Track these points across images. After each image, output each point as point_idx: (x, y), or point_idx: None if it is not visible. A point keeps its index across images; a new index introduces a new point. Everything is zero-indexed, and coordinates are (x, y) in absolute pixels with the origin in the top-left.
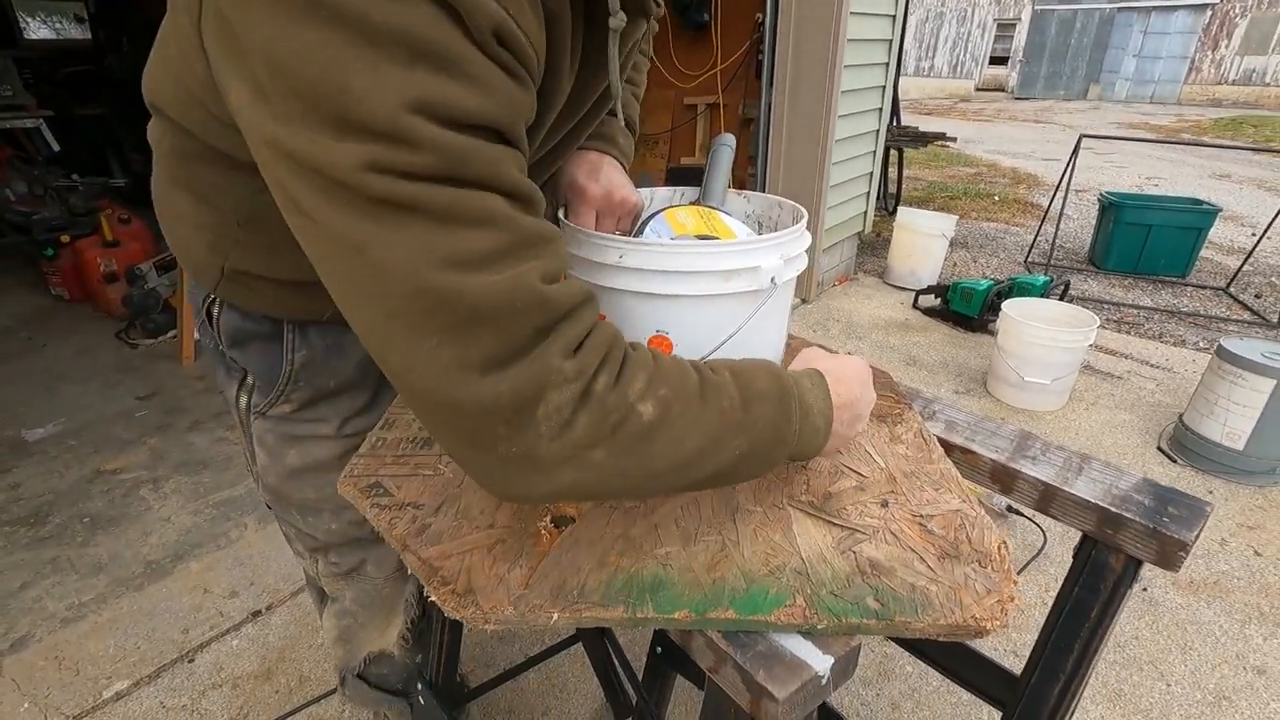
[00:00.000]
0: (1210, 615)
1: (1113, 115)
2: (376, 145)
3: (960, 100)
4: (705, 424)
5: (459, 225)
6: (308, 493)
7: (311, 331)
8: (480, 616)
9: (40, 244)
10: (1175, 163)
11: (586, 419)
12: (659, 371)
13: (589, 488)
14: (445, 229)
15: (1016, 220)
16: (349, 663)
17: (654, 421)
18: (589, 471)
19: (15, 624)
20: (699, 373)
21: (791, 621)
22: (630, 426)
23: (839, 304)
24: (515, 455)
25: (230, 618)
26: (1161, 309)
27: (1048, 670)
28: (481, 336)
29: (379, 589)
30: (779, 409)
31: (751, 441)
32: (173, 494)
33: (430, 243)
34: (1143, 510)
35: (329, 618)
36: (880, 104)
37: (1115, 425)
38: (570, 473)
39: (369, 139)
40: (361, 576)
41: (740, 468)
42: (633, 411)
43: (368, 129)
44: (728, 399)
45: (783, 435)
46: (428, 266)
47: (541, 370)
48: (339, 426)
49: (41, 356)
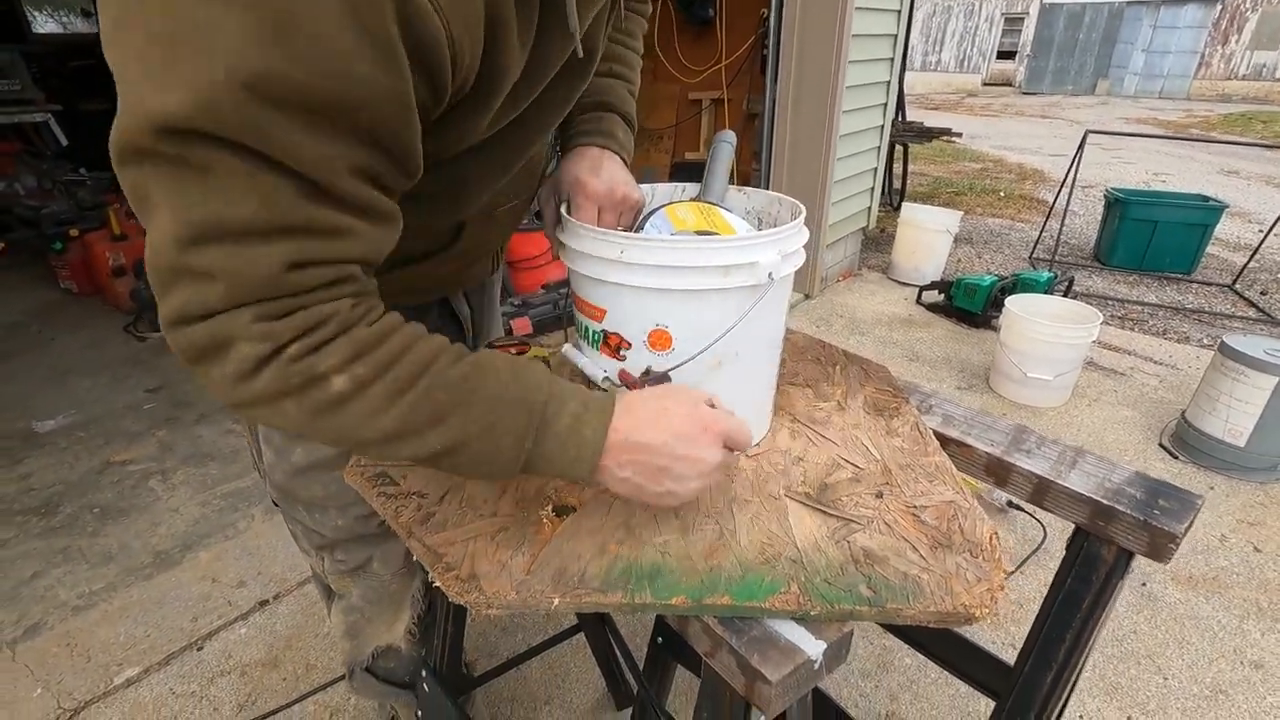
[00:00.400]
0: (1209, 610)
1: (1120, 110)
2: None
3: (967, 95)
4: (401, 410)
5: (222, 193)
6: (315, 489)
7: None
8: (483, 601)
9: (49, 238)
10: (1183, 159)
11: (269, 375)
12: (371, 355)
13: (294, 428)
14: (208, 191)
15: (1022, 216)
16: (357, 657)
17: (344, 394)
18: (284, 417)
19: (28, 611)
20: (427, 365)
21: (786, 608)
22: (318, 393)
23: (843, 299)
24: (216, 384)
25: (238, 607)
26: (1166, 305)
27: (1041, 660)
28: (197, 286)
29: (386, 585)
30: (510, 421)
31: (459, 440)
32: (181, 485)
33: (189, 200)
34: (1134, 503)
35: (336, 613)
36: (885, 99)
37: (1117, 421)
38: (266, 410)
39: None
40: (368, 574)
41: (457, 460)
42: (321, 380)
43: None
44: (444, 393)
45: (507, 448)
46: (192, 223)
47: (230, 330)
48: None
49: (51, 349)
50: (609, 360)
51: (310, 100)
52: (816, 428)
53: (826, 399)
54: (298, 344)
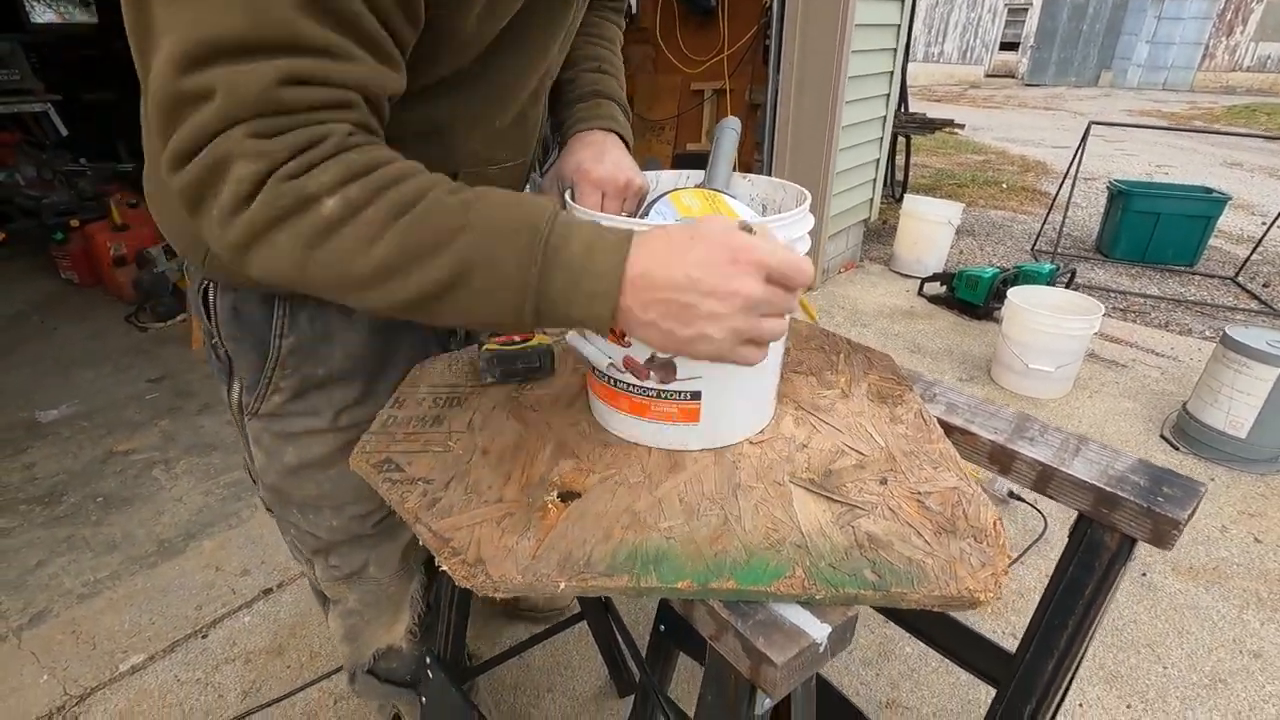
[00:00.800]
0: (1209, 600)
1: (1124, 102)
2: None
3: (970, 87)
4: (396, 237)
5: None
6: (308, 489)
7: (301, 316)
8: (490, 585)
9: (50, 228)
10: (1186, 150)
11: (261, 199)
12: (365, 178)
13: (286, 273)
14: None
15: (1024, 208)
16: (357, 660)
17: (336, 218)
18: (278, 254)
19: (33, 599)
20: (424, 191)
21: (791, 592)
22: (310, 217)
23: (844, 291)
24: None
25: (242, 595)
26: (1168, 298)
27: (1042, 646)
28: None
29: (384, 588)
30: (511, 245)
31: (459, 271)
32: (184, 474)
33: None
34: (1138, 490)
35: (334, 618)
36: (888, 90)
37: (1119, 413)
38: (264, 249)
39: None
40: (364, 579)
41: (458, 298)
42: (312, 202)
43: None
44: (442, 218)
45: (511, 277)
46: (175, 23)
47: (226, 150)
48: (333, 419)
49: (53, 340)
50: (614, 347)
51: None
52: (820, 415)
53: (830, 387)
54: (291, 163)
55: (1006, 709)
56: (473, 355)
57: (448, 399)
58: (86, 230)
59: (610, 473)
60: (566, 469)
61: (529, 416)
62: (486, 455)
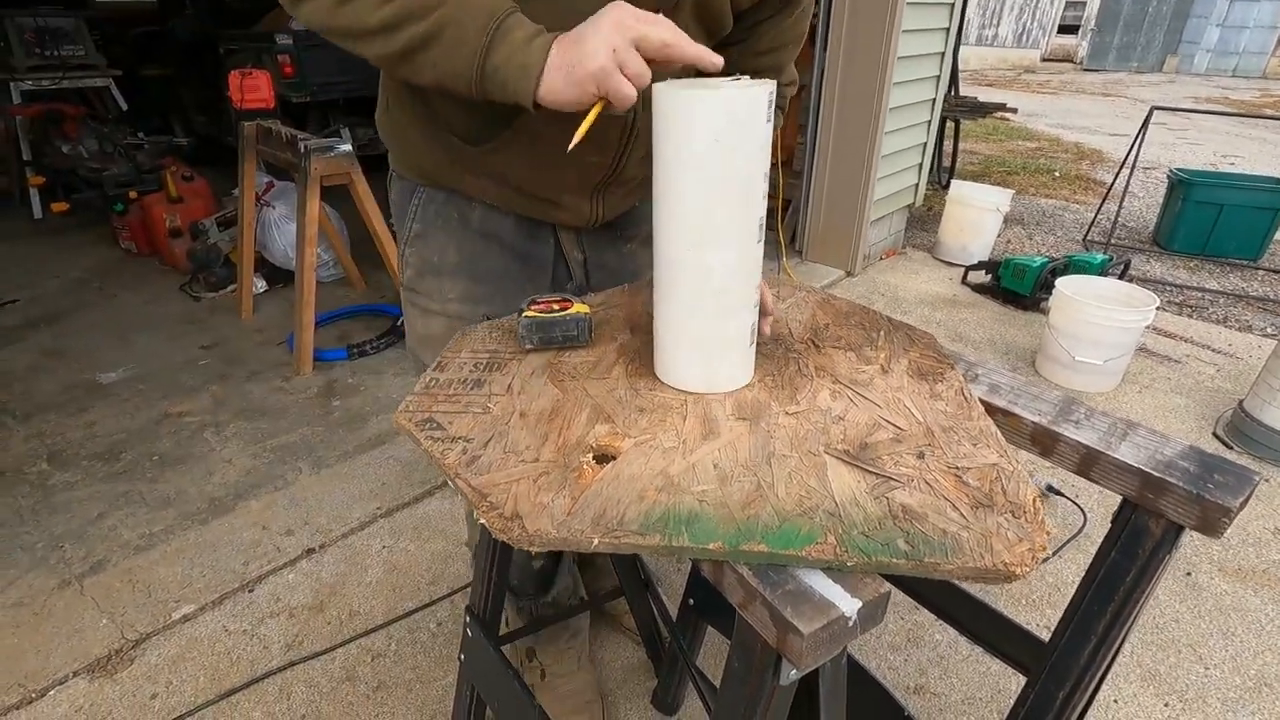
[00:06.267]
0: (1257, 603)
1: (1190, 89)
2: None
3: (1024, 71)
4: (399, 1)
5: None
6: (430, 359)
7: (432, 207)
8: (526, 539)
9: (110, 199)
10: (1256, 140)
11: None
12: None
13: (321, 19)
14: None
15: (1077, 197)
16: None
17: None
18: (318, 9)
19: (94, 549)
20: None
21: (822, 557)
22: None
23: (885, 278)
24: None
25: (286, 553)
26: (1228, 292)
27: (1079, 633)
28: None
29: None
30: (472, 20)
31: (435, 30)
32: (233, 438)
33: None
34: (1187, 476)
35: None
36: (938, 71)
37: (1169, 409)
38: (306, 7)
39: None
40: None
41: (431, 50)
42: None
43: None
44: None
45: (469, 39)
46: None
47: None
48: (444, 304)
49: (113, 306)
50: None
51: None
52: (858, 389)
53: (870, 362)
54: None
55: (1039, 694)
56: (513, 323)
57: (488, 364)
58: (144, 202)
59: (645, 438)
60: (602, 433)
61: (566, 382)
62: (525, 417)
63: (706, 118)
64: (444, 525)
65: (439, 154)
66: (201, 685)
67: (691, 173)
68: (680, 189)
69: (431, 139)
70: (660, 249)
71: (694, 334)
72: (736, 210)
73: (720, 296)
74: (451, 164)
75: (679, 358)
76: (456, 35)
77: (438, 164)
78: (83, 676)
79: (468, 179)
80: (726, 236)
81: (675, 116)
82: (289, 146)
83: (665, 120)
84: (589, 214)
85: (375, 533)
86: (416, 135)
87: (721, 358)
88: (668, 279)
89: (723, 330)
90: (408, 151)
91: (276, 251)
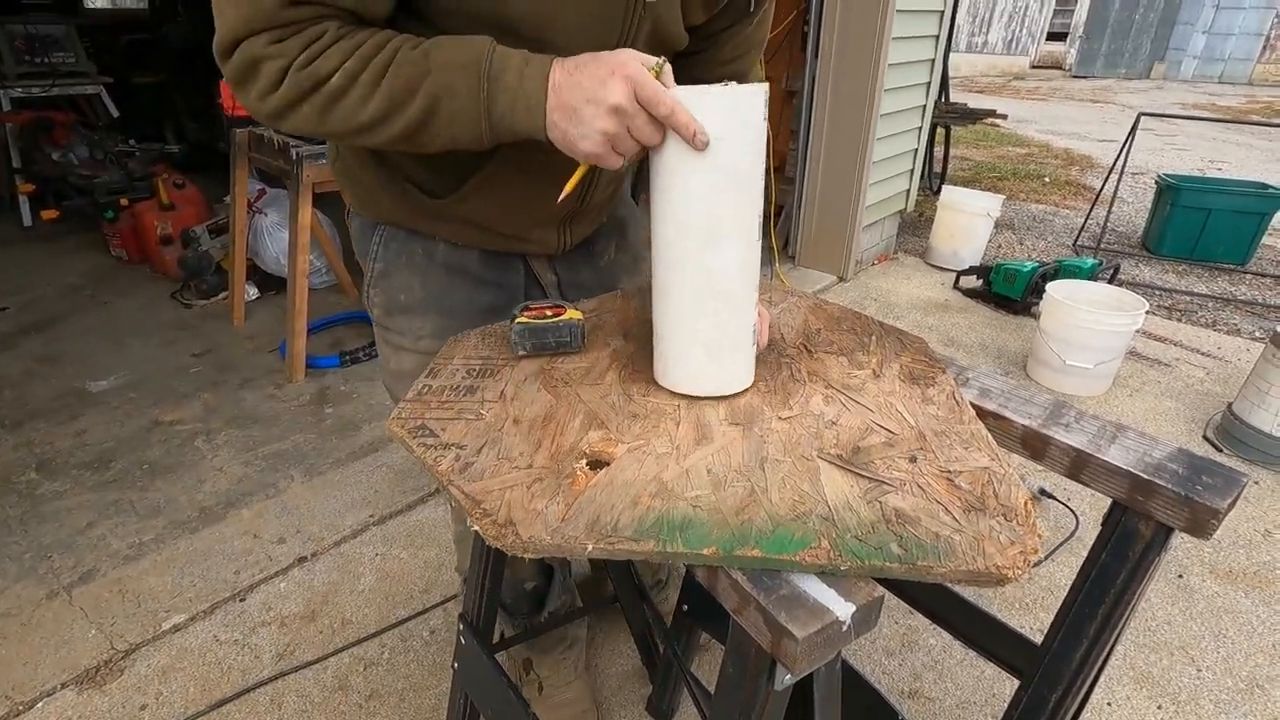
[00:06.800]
0: (1248, 605)
1: (1177, 95)
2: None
3: (1014, 78)
4: (386, 89)
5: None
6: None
7: (394, 245)
8: (519, 545)
9: (101, 206)
10: (1243, 146)
11: (286, 84)
12: (357, 53)
13: (310, 129)
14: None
15: (1067, 203)
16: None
17: (341, 88)
18: (304, 118)
19: (83, 558)
20: (396, 50)
21: (816, 562)
22: (323, 92)
23: (878, 283)
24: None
25: (278, 562)
26: (1217, 296)
27: (1071, 635)
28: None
29: None
30: (463, 79)
31: (432, 104)
32: (224, 445)
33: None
34: (1176, 478)
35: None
36: (929, 78)
37: (1159, 412)
38: (293, 117)
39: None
40: None
41: (436, 124)
42: (322, 83)
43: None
44: (410, 67)
45: (466, 102)
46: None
47: (254, 53)
48: (415, 342)
49: (104, 313)
50: None
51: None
52: (850, 394)
53: (861, 367)
54: (302, 56)
55: (1032, 696)
56: (505, 329)
57: (481, 370)
58: (135, 209)
59: (639, 444)
60: (595, 439)
61: (559, 388)
62: (518, 424)
63: (711, 117)
64: (437, 533)
65: (399, 200)
66: (192, 696)
67: (696, 173)
68: (684, 190)
69: (389, 186)
70: (660, 252)
71: (700, 336)
72: (742, 209)
73: (725, 297)
74: (412, 211)
75: (683, 361)
76: (452, 105)
77: (397, 209)
78: (71, 688)
79: (430, 223)
80: (731, 236)
81: None
82: (281, 153)
83: None
84: (557, 243)
85: (368, 540)
86: (372, 182)
87: (728, 359)
88: (669, 281)
89: (728, 331)
90: (364, 196)
91: (268, 258)
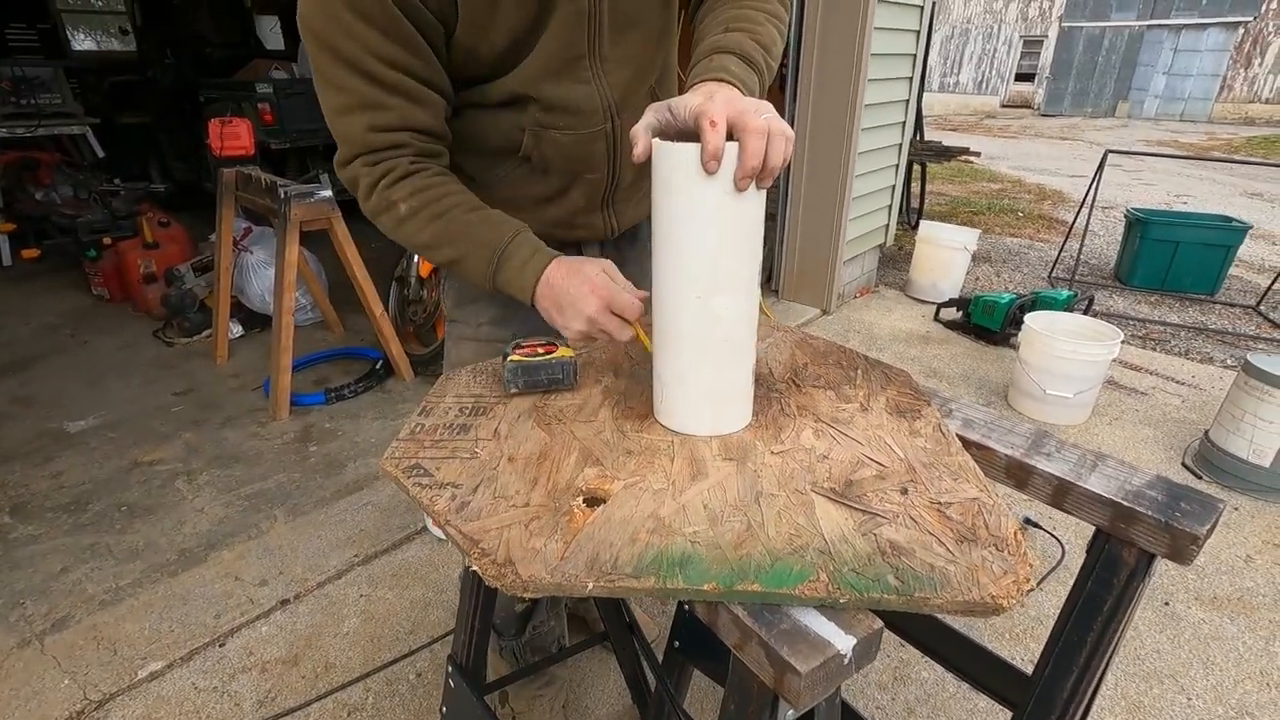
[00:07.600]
0: (1234, 631)
1: (1141, 133)
2: None
3: (986, 116)
4: (434, 230)
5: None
6: None
7: None
8: (519, 585)
9: (84, 245)
10: (1205, 180)
11: (374, 198)
12: (421, 193)
13: (389, 234)
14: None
15: (1041, 236)
16: None
17: (405, 215)
18: (385, 227)
19: (56, 605)
20: (450, 206)
21: (815, 595)
22: (393, 213)
23: (860, 315)
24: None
25: (260, 605)
26: (1188, 326)
27: (1060, 665)
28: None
29: None
30: (482, 252)
31: (460, 257)
32: (206, 486)
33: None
34: (1155, 505)
35: None
36: (904, 118)
37: (1138, 440)
38: (379, 222)
39: None
40: None
41: (461, 267)
42: (394, 205)
43: None
44: (455, 226)
45: (481, 267)
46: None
47: (355, 172)
48: (477, 328)
49: (84, 353)
50: None
51: None
52: (840, 427)
53: (849, 400)
54: (383, 180)
55: None
56: (497, 367)
57: (474, 408)
58: (118, 248)
59: (634, 480)
60: (591, 476)
61: (553, 426)
62: (513, 462)
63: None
64: (424, 572)
65: None
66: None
67: (704, 226)
68: (691, 239)
69: None
70: (665, 297)
71: (704, 380)
72: (746, 258)
73: (728, 343)
74: None
75: (689, 403)
76: (471, 264)
77: None
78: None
79: None
80: (735, 283)
81: (688, 168)
82: (268, 192)
83: (675, 173)
84: (604, 227)
85: (352, 581)
86: None
87: (731, 401)
88: (675, 326)
89: (731, 374)
90: None
91: (253, 296)
